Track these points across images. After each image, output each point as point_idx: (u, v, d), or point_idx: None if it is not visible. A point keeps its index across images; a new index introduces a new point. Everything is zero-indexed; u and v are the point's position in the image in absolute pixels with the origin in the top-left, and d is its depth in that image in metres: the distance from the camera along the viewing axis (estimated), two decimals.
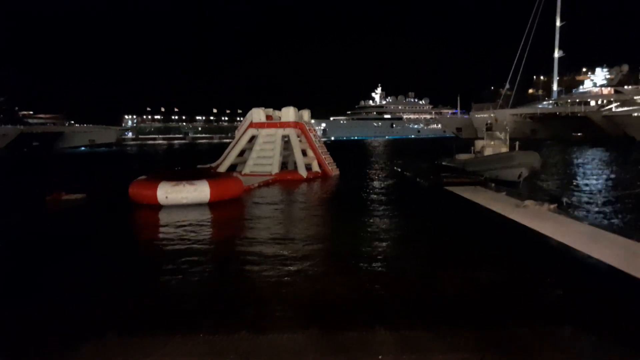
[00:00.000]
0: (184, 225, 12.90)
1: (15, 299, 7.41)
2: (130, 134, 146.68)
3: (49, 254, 10.27)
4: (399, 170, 30.72)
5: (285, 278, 8.02)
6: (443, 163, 28.60)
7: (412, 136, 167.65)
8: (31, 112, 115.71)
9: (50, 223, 13.65)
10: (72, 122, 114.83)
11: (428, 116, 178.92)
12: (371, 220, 13.28)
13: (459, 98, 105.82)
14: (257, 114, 27.57)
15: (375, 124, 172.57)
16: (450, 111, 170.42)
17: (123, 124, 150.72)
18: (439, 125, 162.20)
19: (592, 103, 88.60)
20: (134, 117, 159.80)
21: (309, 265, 8.79)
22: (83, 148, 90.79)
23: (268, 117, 27.95)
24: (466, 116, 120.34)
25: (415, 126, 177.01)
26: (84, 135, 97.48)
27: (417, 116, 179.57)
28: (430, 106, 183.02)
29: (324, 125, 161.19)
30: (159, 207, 16.02)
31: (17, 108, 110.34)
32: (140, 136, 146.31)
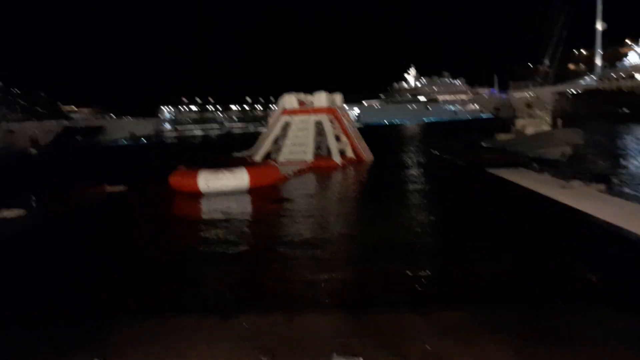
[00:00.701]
0: (227, 211, 13.17)
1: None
2: (168, 125, 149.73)
3: (91, 242, 10.66)
4: (437, 153, 30.12)
5: (326, 263, 8.07)
6: (482, 144, 27.91)
7: (448, 118, 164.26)
8: (73, 107, 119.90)
9: (93, 213, 14.05)
10: (112, 115, 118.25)
11: (464, 97, 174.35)
12: (412, 209, 12.99)
13: (495, 77, 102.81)
14: (289, 101, 27.47)
15: (409, 107, 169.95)
16: (487, 90, 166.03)
17: (160, 116, 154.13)
18: (476, 106, 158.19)
19: (639, 77, 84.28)
20: (171, 108, 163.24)
21: (345, 249, 8.81)
22: (124, 140, 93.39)
23: (300, 102, 27.72)
24: (504, 95, 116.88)
25: (451, 107, 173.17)
26: (123, 128, 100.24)
27: (453, 97, 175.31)
28: (467, 86, 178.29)
29: (357, 110, 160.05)
30: (200, 195, 16.36)
31: (58, 103, 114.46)
32: (177, 127, 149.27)
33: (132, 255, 9.49)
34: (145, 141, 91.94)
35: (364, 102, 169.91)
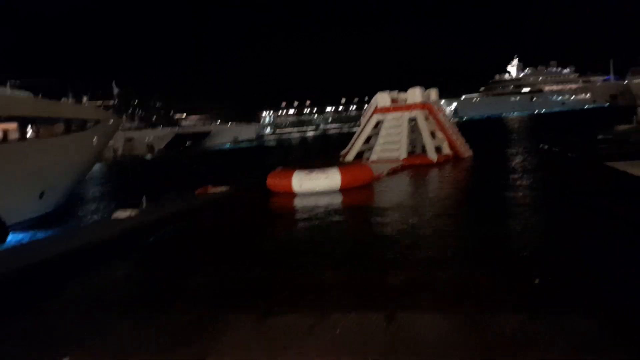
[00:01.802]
0: (317, 210, 13.60)
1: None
2: (268, 129, 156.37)
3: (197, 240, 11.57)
4: (545, 146, 28.18)
5: (426, 262, 7.81)
6: (599, 137, 25.66)
7: (556, 109, 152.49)
8: (184, 115, 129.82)
9: (202, 211, 15.19)
10: (218, 121, 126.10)
11: (574, 85, 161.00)
12: (520, 207, 12.07)
13: (611, 62, 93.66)
14: (382, 99, 27.38)
15: (512, 99, 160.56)
16: (600, 78, 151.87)
17: (261, 120, 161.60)
18: (588, 95, 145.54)
19: None
20: (271, 112, 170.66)
21: (449, 250, 8.61)
22: (228, 145, 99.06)
23: (393, 100, 27.51)
24: (621, 82, 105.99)
25: (559, 98, 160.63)
26: (228, 133, 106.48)
27: (561, 87, 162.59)
28: (576, 74, 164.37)
29: (454, 104, 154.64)
30: (293, 194, 17.06)
31: (172, 111, 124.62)
32: (277, 130, 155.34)
33: (228, 252, 10.07)
34: (247, 144, 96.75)
35: (463, 96, 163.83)
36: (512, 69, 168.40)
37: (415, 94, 26.73)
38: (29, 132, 14.31)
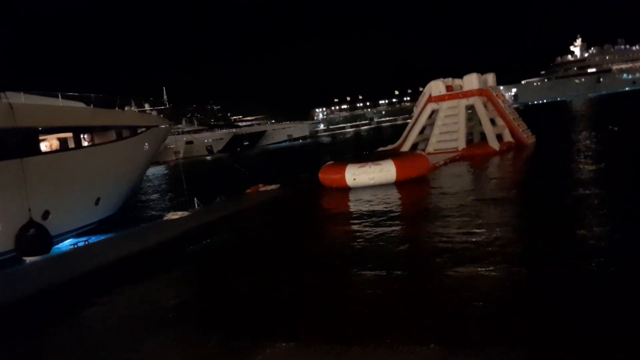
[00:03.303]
0: (373, 205, 12.95)
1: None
2: (321, 126, 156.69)
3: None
4: (615, 129, 25.92)
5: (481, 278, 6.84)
6: None
7: (627, 89, 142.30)
8: (240, 116, 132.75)
9: (244, 214, 14.80)
10: (273, 121, 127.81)
11: None
12: (595, 198, 10.92)
13: None
14: (436, 87, 26.14)
15: (577, 81, 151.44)
16: None
17: (315, 117, 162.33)
18: None
19: None
20: (324, 109, 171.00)
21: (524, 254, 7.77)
22: (283, 143, 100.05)
23: (448, 87, 26.20)
24: None
25: (629, 77, 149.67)
26: (282, 132, 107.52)
27: (631, 65, 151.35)
28: None
29: (514, 90, 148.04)
30: (347, 189, 16.47)
31: (229, 114, 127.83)
32: (330, 126, 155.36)
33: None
34: (301, 141, 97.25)
35: (522, 81, 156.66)
36: (576, 49, 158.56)
37: (471, 80, 25.35)
38: (84, 141, 14.58)
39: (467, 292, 6.13)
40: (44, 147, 13.86)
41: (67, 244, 13.51)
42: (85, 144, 14.70)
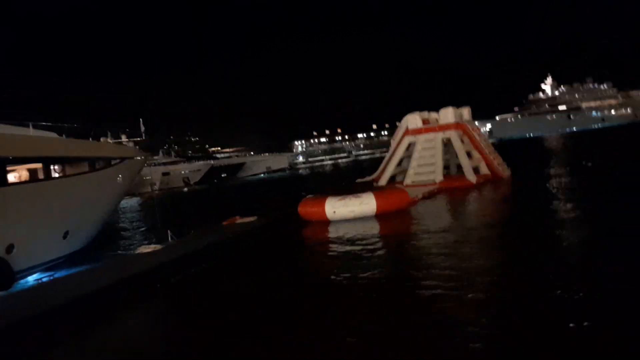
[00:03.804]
0: (353, 241, 12.71)
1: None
2: (300, 158, 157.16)
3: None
4: (589, 163, 26.51)
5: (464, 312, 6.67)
6: None
7: (596, 126, 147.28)
8: (218, 148, 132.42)
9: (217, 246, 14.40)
10: (252, 152, 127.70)
11: (613, 101, 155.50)
12: (577, 229, 11.05)
13: None
14: (413, 120, 26.51)
15: (548, 117, 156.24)
16: None
17: (294, 150, 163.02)
18: (629, 110, 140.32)
19: None
20: (303, 142, 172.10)
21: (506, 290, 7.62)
22: (262, 175, 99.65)
23: (424, 121, 26.62)
24: None
25: (598, 114, 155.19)
26: (261, 164, 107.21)
27: (599, 103, 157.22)
28: (615, 89, 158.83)
29: (489, 125, 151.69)
30: (327, 222, 16.24)
31: (207, 145, 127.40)
32: (309, 159, 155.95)
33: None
34: (280, 173, 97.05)
35: (496, 117, 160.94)
36: (547, 87, 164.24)
37: (447, 114, 25.79)
38: (54, 172, 14.10)
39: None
40: (11, 177, 13.35)
41: (32, 278, 12.86)
42: (55, 175, 14.23)
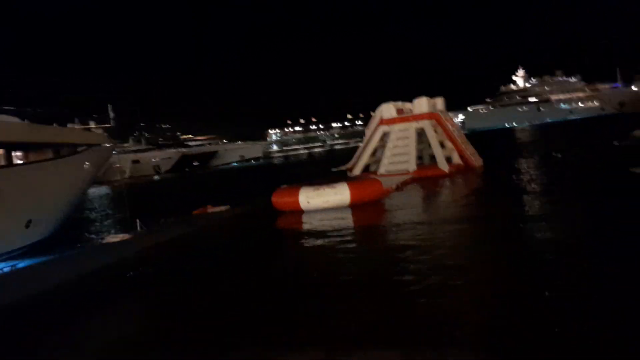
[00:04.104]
0: (326, 230, 12.59)
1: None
2: (275, 147, 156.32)
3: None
4: (558, 155, 27.08)
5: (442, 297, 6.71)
6: (615, 143, 24.66)
7: (565, 118, 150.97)
8: (190, 136, 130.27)
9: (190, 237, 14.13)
10: (225, 141, 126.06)
11: (581, 94, 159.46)
12: (547, 219, 11.11)
13: (618, 70, 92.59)
14: (387, 110, 26.50)
15: (519, 109, 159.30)
16: (608, 86, 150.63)
17: (268, 139, 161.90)
18: (596, 103, 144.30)
19: None
20: (277, 131, 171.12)
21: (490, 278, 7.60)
22: (235, 163, 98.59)
23: (399, 110, 26.64)
24: (633, 88, 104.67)
25: (567, 106, 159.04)
26: (234, 152, 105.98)
27: (568, 95, 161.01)
28: (583, 83, 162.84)
29: (461, 116, 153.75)
30: (301, 212, 16.08)
31: (178, 133, 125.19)
32: (284, 148, 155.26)
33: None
34: (254, 162, 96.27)
35: (468, 108, 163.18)
36: (518, 79, 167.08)
37: (421, 104, 25.90)
38: (16, 158, 13.48)
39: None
40: None
41: None
42: (17, 161, 13.62)
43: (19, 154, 13.66)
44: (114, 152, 22.60)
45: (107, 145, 18.54)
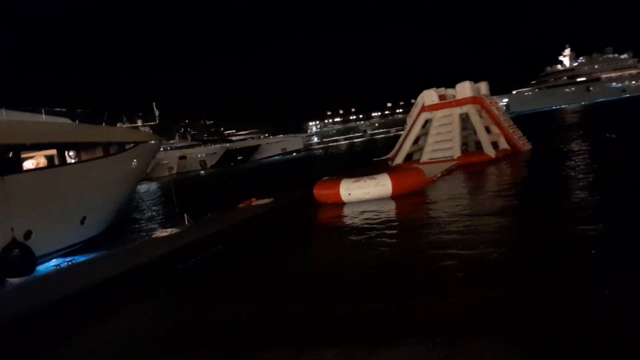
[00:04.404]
0: (367, 223, 12.46)
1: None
2: (315, 139, 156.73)
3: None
4: (612, 136, 25.71)
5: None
6: None
7: (617, 97, 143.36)
8: (234, 131, 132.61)
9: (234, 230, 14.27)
10: (267, 135, 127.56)
11: (634, 71, 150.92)
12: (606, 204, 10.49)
13: None
14: (429, 96, 25.91)
15: (567, 90, 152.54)
16: None
17: (308, 131, 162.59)
18: None
19: None
20: (317, 122, 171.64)
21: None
22: (276, 157, 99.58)
23: (441, 97, 26.00)
24: None
25: (619, 85, 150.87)
26: (276, 146, 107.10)
27: (619, 73, 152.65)
28: (635, 59, 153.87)
29: (505, 100, 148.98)
30: (342, 204, 16.00)
31: (222, 129, 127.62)
32: (324, 139, 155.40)
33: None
34: (295, 155, 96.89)
35: (513, 92, 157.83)
36: (565, 59, 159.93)
37: (464, 89, 25.15)
38: (69, 158, 14.09)
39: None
40: (27, 164, 13.38)
41: (50, 265, 12.94)
42: (70, 160, 14.21)
43: (71, 153, 14.25)
44: (160, 149, 23.25)
45: (153, 142, 19.05)
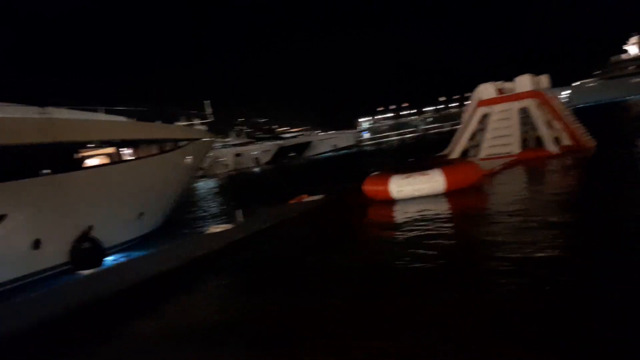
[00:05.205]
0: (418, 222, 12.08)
1: None
2: (366, 135, 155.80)
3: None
4: None
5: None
6: None
7: None
8: (287, 128, 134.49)
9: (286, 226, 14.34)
10: (319, 131, 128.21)
11: None
12: None
13: None
14: (486, 90, 24.91)
15: (634, 80, 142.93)
16: None
17: (359, 127, 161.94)
18: None
19: None
20: (369, 118, 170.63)
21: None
22: (328, 153, 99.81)
23: (499, 90, 25.01)
24: None
25: None
26: (327, 142, 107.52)
27: None
28: None
29: (567, 92, 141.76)
30: (392, 202, 15.55)
31: (275, 126, 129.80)
32: (375, 135, 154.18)
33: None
34: (347, 151, 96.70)
35: (573, 83, 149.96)
36: (631, 47, 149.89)
37: (524, 82, 23.99)
38: (126, 154, 14.62)
39: None
40: (87, 161, 13.98)
41: (109, 259, 13.46)
42: (128, 157, 14.73)
43: (128, 150, 14.78)
44: (217, 147, 23.79)
45: (206, 139, 19.45)
